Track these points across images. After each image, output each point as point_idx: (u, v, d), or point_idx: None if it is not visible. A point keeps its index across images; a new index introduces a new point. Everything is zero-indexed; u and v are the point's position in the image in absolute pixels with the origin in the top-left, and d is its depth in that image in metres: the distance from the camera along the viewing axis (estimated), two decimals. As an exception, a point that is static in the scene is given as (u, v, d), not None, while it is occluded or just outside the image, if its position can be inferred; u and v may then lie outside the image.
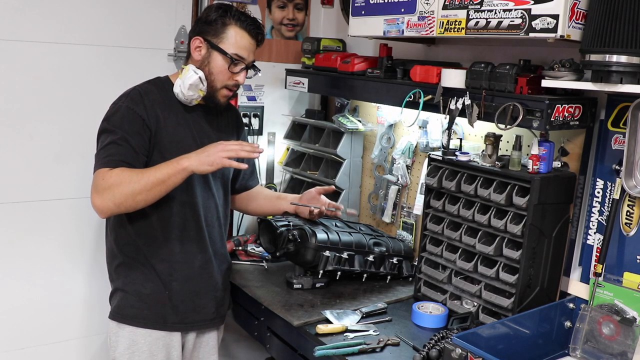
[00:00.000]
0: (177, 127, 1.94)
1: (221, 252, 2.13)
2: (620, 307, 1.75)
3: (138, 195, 1.77)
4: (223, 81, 1.94)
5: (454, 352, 1.49)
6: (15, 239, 2.33)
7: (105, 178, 1.77)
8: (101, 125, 1.90)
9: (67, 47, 2.33)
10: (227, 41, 1.92)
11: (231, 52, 1.92)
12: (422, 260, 2.17)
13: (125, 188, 1.75)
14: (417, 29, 2.03)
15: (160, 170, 1.79)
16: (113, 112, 1.89)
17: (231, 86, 1.96)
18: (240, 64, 1.94)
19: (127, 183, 1.76)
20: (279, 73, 2.82)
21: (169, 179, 1.78)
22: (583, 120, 1.85)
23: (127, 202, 1.77)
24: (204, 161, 1.78)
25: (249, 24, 1.94)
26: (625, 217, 1.82)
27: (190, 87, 1.91)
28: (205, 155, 1.79)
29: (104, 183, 1.77)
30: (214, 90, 1.95)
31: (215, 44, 1.91)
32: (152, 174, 1.78)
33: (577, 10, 1.65)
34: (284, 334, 2.02)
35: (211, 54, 1.92)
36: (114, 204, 1.77)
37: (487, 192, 1.91)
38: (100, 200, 1.77)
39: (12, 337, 2.38)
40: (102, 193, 1.76)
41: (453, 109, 1.95)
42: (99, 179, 1.78)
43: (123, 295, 1.97)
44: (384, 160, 2.64)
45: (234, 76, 1.94)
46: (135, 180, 1.76)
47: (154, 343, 1.96)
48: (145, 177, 1.77)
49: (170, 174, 1.78)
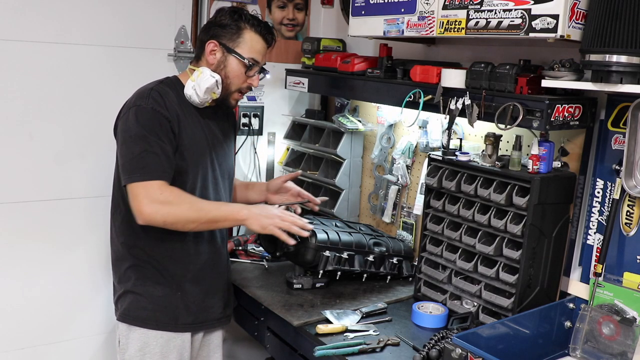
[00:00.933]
0: (193, 129, 1.95)
1: (226, 251, 2.15)
2: (620, 307, 1.75)
3: (191, 223, 1.84)
4: (238, 85, 1.98)
5: (454, 352, 1.49)
6: (15, 239, 2.33)
7: (163, 193, 1.80)
8: (127, 127, 1.85)
9: (67, 47, 2.33)
10: (243, 46, 1.95)
11: (247, 56, 1.95)
12: (422, 260, 2.17)
13: (183, 212, 1.82)
14: (417, 29, 2.03)
15: (219, 210, 1.91)
16: (138, 114, 1.84)
17: (244, 89, 2.01)
18: (255, 68, 1.98)
19: (186, 209, 1.82)
20: (279, 73, 2.82)
21: (223, 222, 1.93)
22: (583, 120, 1.85)
23: (176, 225, 1.84)
24: (261, 223, 1.91)
25: (263, 29, 1.98)
26: (625, 217, 1.82)
27: (206, 91, 1.92)
28: (264, 217, 1.92)
29: (162, 197, 1.79)
30: (228, 93, 1.98)
31: (231, 48, 1.94)
32: (211, 211, 1.88)
33: (577, 10, 1.65)
34: (283, 334, 2.02)
35: (227, 58, 1.94)
36: (162, 220, 1.81)
37: (487, 192, 1.91)
38: (153, 211, 1.78)
39: (12, 337, 2.37)
40: (157, 206, 1.78)
41: (453, 109, 1.95)
42: (153, 190, 1.79)
43: (134, 298, 1.96)
44: (384, 160, 2.64)
45: (247, 80, 1.98)
46: (194, 209, 1.84)
47: (165, 345, 1.96)
48: (204, 211, 1.86)
49: (227, 218, 1.91)
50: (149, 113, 1.84)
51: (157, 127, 1.84)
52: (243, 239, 2.58)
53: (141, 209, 1.79)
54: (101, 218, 2.29)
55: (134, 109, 1.86)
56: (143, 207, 1.79)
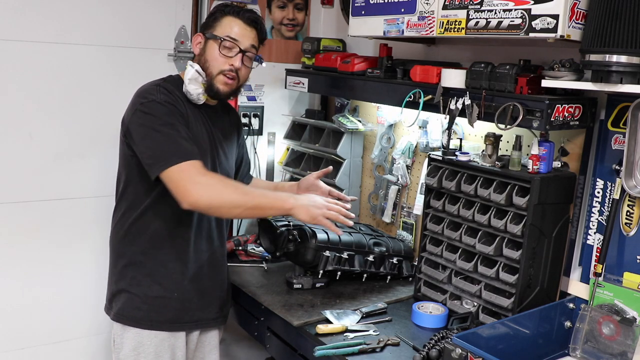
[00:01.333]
0: (197, 127, 1.94)
1: (224, 251, 2.14)
2: (620, 307, 1.75)
3: (236, 208, 1.80)
4: (218, 67, 1.93)
5: (454, 352, 1.49)
6: (15, 239, 2.33)
7: (205, 175, 1.75)
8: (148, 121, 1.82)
9: (67, 47, 2.33)
10: (219, 28, 1.94)
11: (222, 35, 1.92)
12: (422, 260, 2.17)
13: (229, 195, 1.78)
14: (417, 29, 2.03)
15: (266, 197, 1.87)
16: (155, 107, 1.82)
17: (227, 71, 1.93)
18: (233, 48, 1.93)
19: (231, 192, 1.78)
20: (279, 73, 2.82)
21: (269, 209, 1.87)
22: (583, 120, 1.85)
23: (221, 209, 1.80)
24: (309, 213, 1.85)
25: (242, 12, 1.96)
26: (625, 217, 1.81)
27: (190, 82, 1.91)
28: (313, 207, 1.86)
29: (204, 178, 1.74)
30: (211, 78, 1.93)
31: (209, 33, 1.95)
32: (257, 197, 1.84)
33: (577, 10, 1.65)
34: (283, 334, 2.02)
35: (207, 44, 1.95)
36: (208, 202, 1.75)
37: (487, 192, 1.91)
38: (198, 193, 1.72)
39: (12, 337, 2.37)
40: (202, 187, 1.72)
41: (453, 109, 1.95)
42: (196, 171, 1.74)
43: (128, 297, 1.96)
44: (384, 160, 2.64)
45: (228, 60, 1.93)
46: (240, 192, 1.81)
47: (159, 344, 1.96)
48: (250, 196, 1.82)
49: (273, 206, 1.86)
50: (164, 106, 1.84)
51: (176, 116, 1.84)
52: (243, 239, 2.58)
53: (187, 192, 1.73)
54: (101, 218, 2.29)
55: (149, 103, 1.83)
56: (189, 189, 1.72)
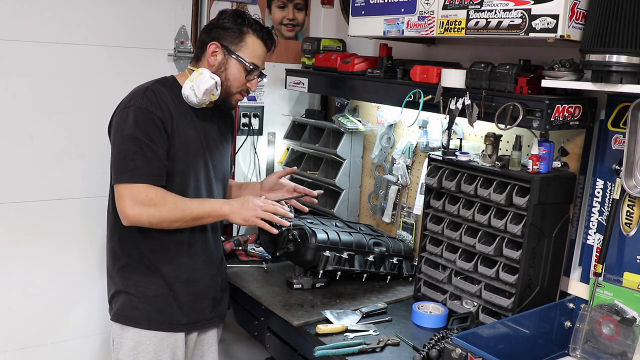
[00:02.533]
0: (187, 129, 1.95)
1: (219, 253, 2.15)
2: (620, 307, 1.74)
3: (175, 222, 1.88)
4: (238, 87, 2.00)
5: (454, 352, 1.49)
6: (15, 239, 2.33)
7: (148, 195, 1.83)
8: (120, 127, 1.87)
9: (67, 47, 2.33)
10: (245, 49, 1.97)
11: (249, 60, 1.96)
12: (422, 260, 2.17)
13: (167, 213, 1.85)
14: (417, 29, 2.03)
15: (202, 208, 1.91)
16: (132, 114, 1.85)
17: (243, 92, 2.02)
18: (255, 72, 2.00)
19: (170, 209, 1.85)
20: (279, 73, 2.82)
21: (208, 218, 1.93)
22: (583, 120, 1.85)
23: (161, 224, 1.87)
24: (242, 216, 1.94)
25: (265, 34, 2.00)
26: (625, 217, 1.81)
27: (205, 92, 1.92)
28: (245, 209, 1.94)
29: (146, 200, 1.82)
30: (229, 95, 1.99)
31: (233, 51, 1.95)
32: (194, 210, 1.89)
33: (577, 10, 1.65)
34: (283, 334, 2.02)
35: (228, 61, 1.96)
36: (148, 221, 1.85)
37: (487, 192, 1.91)
38: (137, 213, 1.82)
39: (12, 337, 2.37)
40: (141, 208, 1.82)
41: (453, 109, 1.95)
42: (138, 193, 1.82)
43: (127, 297, 1.97)
44: (384, 160, 2.64)
45: (247, 83, 2.00)
46: (178, 208, 1.87)
47: (159, 344, 1.96)
48: (188, 210, 1.88)
49: (210, 214, 1.92)
50: (143, 113, 1.85)
51: (151, 127, 1.85)
52: (243, 239, 2.58)
53: (126, 211, 1.83)
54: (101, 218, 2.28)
55: (128, 109, 1.87)
56: (127, 209, 1.83)
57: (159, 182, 1.86)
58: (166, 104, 1.91)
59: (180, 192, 1.91)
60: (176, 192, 1.90)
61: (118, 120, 1.89)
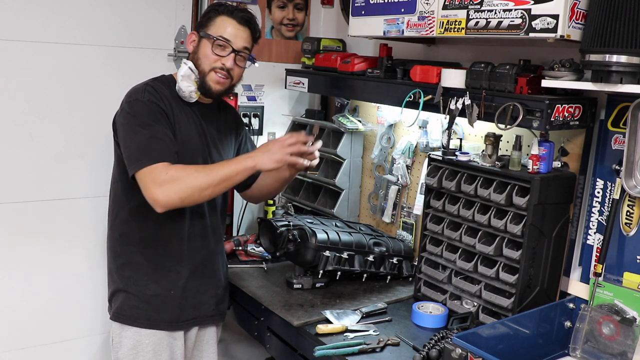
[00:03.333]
0: (187, 125, 1.95)
1: (220, 249, 2.15)
2: (620, 307, 1.74)
3: (205, 189, 1.79)
4: (209, 64, 1.94)
5: (454, 352, 1.49)
6: (15, 239, 2.33)
7: (168, 172, 1.76)
8: (128, 121, 1.86)
9: (67, 47, 2.33)
10: (213, 27, 1.95)
11: (215, 34, 1.93)
12: (422, 260, 2.17)
13: (193, 182, 1.77)
14: (417, 29, 2.03)
15: (227, 167, 1.84)
16: (137, 107, 1.86)
17: (218, 69, 1.94)
18: (226, 48, 1.94)
19: (195, 177, 1.77)
20: (279, 73, 2.82)
21: (236, 175, 1.83)
22: (583, 120, 1.85)
23: (193, 196, 1.78)
24: (272, 159, 1.84)
25: (237, 13, 1.97)
26: (625, 217, 1.81)
27: (183, 79, 1.93)
28: (271, 153, 1.85)
29: (167, 177, 1.75)
30: (204, 75, 1.94)
31: (203, 32, 1.96)
32: (220, 170, 1.82)
33: (577, 10, 1.65)
34: (283, 334, 2.02)
35: (200, 42, 1.96)
36: (178, 197, 1.76)
37: (487, 192, 1.91)
38: (164, 193, 1.74)
39: (12, 337, 2.38)
40: (166, 186, 1.74)
41: (453, 109, 1.95)
42: (159, 172, 1.76)
43: (126, 297, 1.97)
44: (384, 160, 2.64)
45: (220, 59, 1.94)
46: (202, 175, 1.79)
47: (158, 343, 1.96)
48: (213, 173, 1.81)
49: (238, 171, 1.83)
50: (147, 105, 1.86)
51: (157, 116, 1.86)
52: (243, 239, 2.58)
53: (154, 197, 1.75)
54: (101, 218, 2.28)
55: (131, 102, 1.88)
56: (154, 193, 1.75)
57: (175, 160, 1.82)
58: (166, 98, 1.92)
59: None
60: None
61: (124, 116, 1.88)
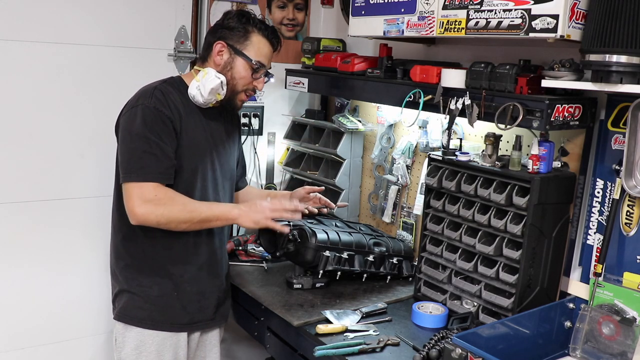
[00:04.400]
0: (195, 129, 1.96)
1: (224, 253, 2.15)
2: (620, 307, 1.75)
3: (183, 223, 1.86)
4: (244, 86, 1.99)
5: (454, 352, 1.49)
6: (15, 239, 2.33)
7: (157, 194, 1.82)
8: (128, 126, 1.86)
9: (67, 47, 2.33)
10: (251, 48, 1.97)
11: (255, 59, 1.97)
12: (422, 260, 2.17)
13: (175, 213, 1.83)
14: (417, 29, 2.03)
15: (211, 211, 1.91)
16: (140, 113, 1.85)
17: (249, 91, 2.02)
18: (261, 71, 2.00)
19: (179, 210, 1.84)
20: (279, 73, 2.81)
21: (216, 221, 1.93)
22: (583, 120, 1.85)
23: (169, 224, 1.85)
24: (252, 219, 1.94)
25: (270, 33, 2.01)
26: (625, 217, 1.81)
27: (211, 92, 1.93)
28: (254, 212, 1.94)
29: (155, 199, 1.81)
30: (234, 94, 1.99)
31: (239, 50, 1.96)
32: (203, 212, 1.89)
33: (577, 10, 1.65)
34: (283, 334, 2.02)
35: (234, 60, 1.96)
36: (155, 220, 1.82)
37: (487, 192, 1.91)
38: (145, 211, 1.80)
39: (12, 337, 2.38)
40: (150, 207, 1.80)
41: (453, 109, 1.95)
42: (148, 191, 1.81)
43: (130, 297, 1.97)
44: (384, 160, 2.64)
45: (253, 82, 2.00)
46: (187, 209, 1.86)
47: (161, 343, 1.97)
48: (197, 212, 1.87)
49: (218, 217, 1.92)
50: (152, 112, 1.85)
51: (159, 126, 1.85)
52: (243, 239, 2.58)
53: (134, 210, 1.81)
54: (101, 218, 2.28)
55: (136, 108, 1.87)
56: (136, 207, 1.81)
57: (167, 180, 1.85)
58: (174, 103, 1.91)
59: (187, 190, 1.91)
60: (183, 190, 1.89)
61: (126, 119, 1.88)
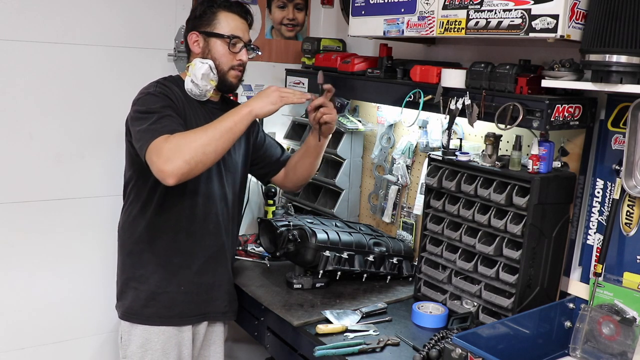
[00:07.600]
0: (197, 122, 1.96)
1: (232, 246, 2.16)
2: (620, 307, 1.74)
3: (207, 146, 1.74)
4: (228, 63, 2.01)
5: (454, 352, 1.49)
6: (15, 239, 2.34)
7: (168, 141, 1.72)
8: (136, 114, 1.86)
9: (68, 47, 2.33)
10: (219, 26, 2.00)
11: (227, 33, 1.99)
12: (422, 260, 2.17)
13: (193, 142, 1.72)
14: (417, 29, 2.03)
15: (225, 119, 1.80)
16: (147, 99, 1.88)
17: (237, 66, 2.02)
18: (238, 43, 2.01)
19: (194, 137, 1.74)
20: (279, 73, 2.82)
21: (236, 125, 1.80)
22: (583, 120, 1.85)
23: (197, 156, 1.72)
24: (266, 101, 1.85)
25: (235, 6, 2.03)
26: (625, 217, 1.81)
27: (202, 77, 1.95)
28: (265, 96, 1.87)
29: (167, 145, 1.71)
30: (223, 73, 2.01)
31: (210, 32, 1.99)
32: (218, 124, 1.79)
33: (577, 10, 1.65)
34: (283, 334, 2.02)
35: (209, 42, 1.99)
36: (184, 162, 1.70)
37: (487, 192, 1.91)
38: (169, 162, 1.69)
39: (13, 336, 2.38)
40: (169, 155, 1.69)
41: (453, 109, 1.95)
42: (160, 144, 1.72)
43: (136, 294, 1.98)
44: (384, 160, 2.64)
45: (236, 56, 2.01)
46: (200, 133, 1.76)
47: (167, 341, 1.98)
48: (212, 129, 1.77)
49: (236, 120, 1.80)
50: (159, 97, 1.89)
51: (167, 102, 1.88)
52: (243, 239, 2.58)
53: (160, 168, 1.70)
54: (101, 218, 2.29)
55: (142, 97, 1.90)
56: (160, 165, 1.70)
57: None
58: (176, 96, 1.94)
59: (191, 183, 1.91)
60: (188, 183, 1.82)
61: (134, 110, 1.89)
